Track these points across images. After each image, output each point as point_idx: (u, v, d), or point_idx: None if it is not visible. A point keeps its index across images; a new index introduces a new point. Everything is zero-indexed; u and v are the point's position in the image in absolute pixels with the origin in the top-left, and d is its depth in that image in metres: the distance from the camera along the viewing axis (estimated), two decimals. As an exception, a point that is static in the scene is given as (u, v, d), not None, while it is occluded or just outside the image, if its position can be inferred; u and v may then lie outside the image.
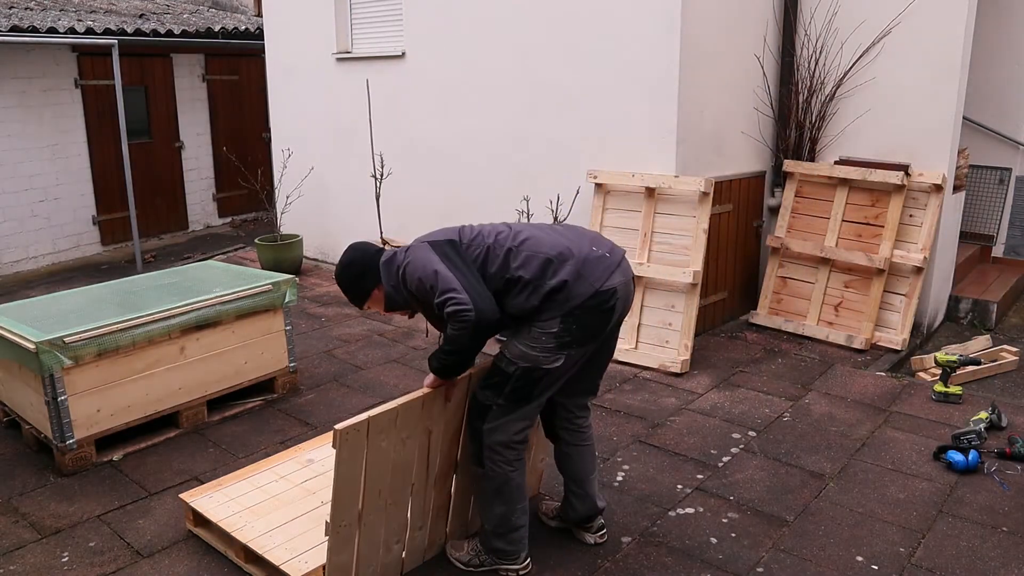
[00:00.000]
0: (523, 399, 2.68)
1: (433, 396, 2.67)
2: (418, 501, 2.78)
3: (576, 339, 2.60)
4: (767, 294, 5.66)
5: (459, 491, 2.97)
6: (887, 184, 5.20)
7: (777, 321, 5.53)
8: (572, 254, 2.60)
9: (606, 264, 2.62)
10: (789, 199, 5.63)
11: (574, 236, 2.70)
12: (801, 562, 2.95)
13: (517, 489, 2.76)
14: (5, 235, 7.82)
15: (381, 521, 2.65)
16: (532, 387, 2.65)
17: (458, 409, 2.81)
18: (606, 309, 2.60)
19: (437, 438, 2.76)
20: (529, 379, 2.64)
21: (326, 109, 7.19)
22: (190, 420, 4.12)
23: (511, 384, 2.65)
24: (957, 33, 5.05)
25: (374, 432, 2.48)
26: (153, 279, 4.67)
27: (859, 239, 5.33)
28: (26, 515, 3.35)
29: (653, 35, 4.87)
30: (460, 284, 2.49)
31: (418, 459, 2.71)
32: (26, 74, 7.77)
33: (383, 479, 2.59)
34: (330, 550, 2.50)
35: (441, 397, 2.71)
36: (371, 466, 2.51)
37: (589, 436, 3.01)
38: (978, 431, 3.75)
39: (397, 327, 5.73)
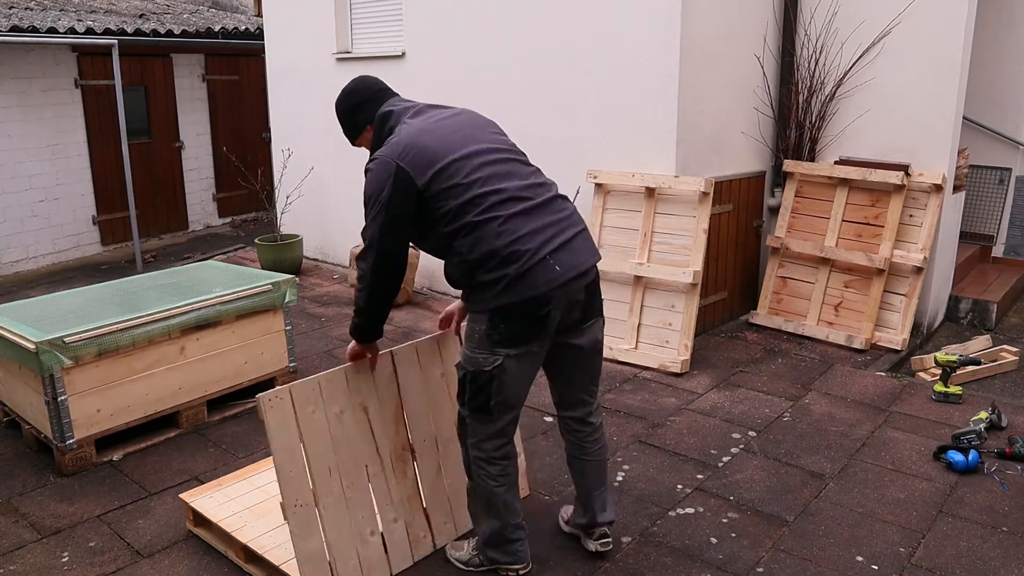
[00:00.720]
0: (481, 409, 2.59)
1: (358, 369, 2.72)
2: (380, 487, 2.79)
3: (506, 339, 2.49)
4: (767, 294, 5.67)
5: (427, 482, 2.96)
6: (887, 184, 5.20)
7: (777, 321, 5.54)
8: (521, 256, 2.42)
9: (551, 274, 2.45)
10: (789, 199, 5.64)
11: (540, 224, 2.49)
12: (801, 562, 2.95)
13: (505, 506, 2.71)
14: (5, 235, 7.82)
15: (342, 506, 2.66)
16: (484, 394, 2.55)
17: (390, 386, 2.83)
18: (538, 316, 2.48)
19: (376, 416, 2.79)
20: (477, 384, 2.55)
21: (326, 109, 7.12)
22: (190, 420, 4.12)
23: (466, 391, 2.60)
24: (957, 33, 5.05)
25: (300, 402, 2.54)
26: (153, 279, 4.67)
27: (859, 239, 5.33)
28: (26, 515, 3.35)
29: (653, 35, 4.88)
30: (382, 234, 2.46)
31: (362, 438, 2.73)
32: (26, 74, 7.77)
33: (328, 455, 2.62)
34: (293, 535, 2.51)
35: (367, 371, 2.76)
36: (308, 439, 2.55)
37: (594, 451, 2.88)
38: (978, 431, 3.75)
39: (397, 327, 5.73)
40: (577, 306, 2.60)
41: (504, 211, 2.46)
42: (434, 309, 6.15)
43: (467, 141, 2.54)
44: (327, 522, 2.61)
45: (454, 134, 2.54)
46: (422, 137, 2.50)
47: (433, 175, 2.45)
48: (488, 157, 2.53)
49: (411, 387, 2.91)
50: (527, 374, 2.61)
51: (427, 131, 2.53)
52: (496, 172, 2.51)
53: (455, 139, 2.53)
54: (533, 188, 2.56)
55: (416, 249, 2.70)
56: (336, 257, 7.49)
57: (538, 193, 2.56)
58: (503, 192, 2.48)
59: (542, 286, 2.44)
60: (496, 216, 2.45)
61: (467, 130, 2.58)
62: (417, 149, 2.47)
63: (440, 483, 3.00)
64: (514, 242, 2.44)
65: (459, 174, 2.46)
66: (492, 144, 2.58)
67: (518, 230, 2.45)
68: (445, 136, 2.53)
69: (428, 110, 2.65)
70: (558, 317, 2.54)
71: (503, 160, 2.56)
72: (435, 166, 2.45)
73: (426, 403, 2.97)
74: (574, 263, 2.51)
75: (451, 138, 2.52)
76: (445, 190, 2.45)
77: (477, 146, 2.54)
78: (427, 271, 6.54)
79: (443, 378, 3.02)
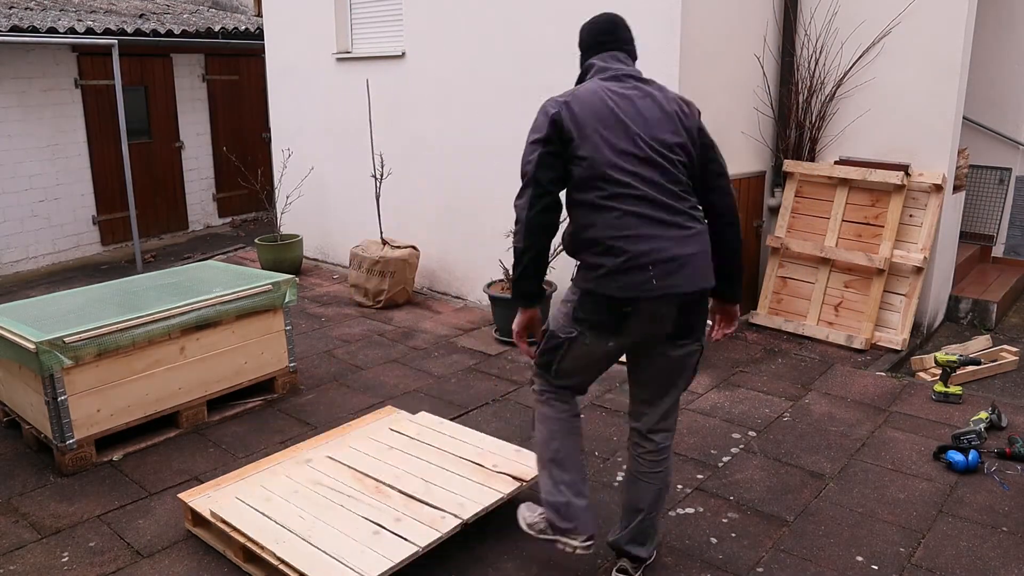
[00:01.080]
0: (545, 367, 2.73)
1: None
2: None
3: (587, 320, 2.57)
4: (767, 294, 5.67)
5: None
6: (887, 184, 5.20)
7: (777, 321, 5.54)
8: (623, 254, 2.44)
9: (646, 284, 2.45)
10: (789, 199, 5.64)
11: (646, 245, 2.46)
12: (801, 562, 2.95)
13: (548, 461, 2.75)
14: (5, 235, 7.82)
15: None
16: (551, 356, 2.69)
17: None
18: (618, 315, 2.52)
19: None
20: (550, 345, 2.69)
21: (326, 109, 7.19)
22: (190, 420, 4.12)
23: (543, 343, 2.72)
24: (957, 33, 5.05)
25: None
26: (153, 279, 4.67)
27: (859, 239, 5.33)
28: (26, 515, 3.35)
29: (653, 35, 4.87)
30: (531, 174, 2.54)
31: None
32: (26, 74, 7.77)
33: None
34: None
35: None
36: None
37: (648, 473, 2.76)
38: (978, 431, 3.75)
39: (397, 327, 5.73)
40: (667, 322, 2.57)
41: (627, 206, 2.47)
42: (434, 309, 6.15)
43: (630, 124, 2.51)
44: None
45: (618, 109, 2.52)
46: (591, 98, 2.54)
47: (580, 136, 2.49)
48: (640, 149, 2.49)
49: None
50: (594, 360, 2.69)
51: (591, 98, 2.54)
52: (639, 167, 2.49)
53: (611, 117, 2.51)
54: (669, 196, 2.50)
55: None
56: (336, 257, 7.49)
57: (671, 203, 2.50)
58: (635, 189, 2.47)
59: (631, 290, 2.46)
60: (617, 208, 2.47)
61: (635, 112, 2.54)
62: (579, 105, 2.51)
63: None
64: (623, 239, 2.45)
65: (601, 149, 2.48)
66: (646, 128, 2.52)
67: (632, 229, 2.46)
68: (612, 109, 2.52)
69: (618, 80, 2.62)
70: (642, 326, 2.55)
71: (647, 154, 2.50)
72: (583, 129, 2.49)
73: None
74: (673, 283, 2.48)
75: (615, 114, 2.52)
76: (583, 157, 2.49)
77: (630, 126, 2.51)
78: (427, 271, 6.54)
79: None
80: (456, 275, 6.38)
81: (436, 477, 3.22)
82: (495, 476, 3.21)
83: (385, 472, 3.28)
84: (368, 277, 6.15)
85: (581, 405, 2.92)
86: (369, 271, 6.13)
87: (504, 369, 4.88)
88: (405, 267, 6.15)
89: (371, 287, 6.16)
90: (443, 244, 6.42)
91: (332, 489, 3.16)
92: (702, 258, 2.58)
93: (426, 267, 6.54)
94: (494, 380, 4.72)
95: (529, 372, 2.74)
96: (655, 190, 2.49)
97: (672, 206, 2.51)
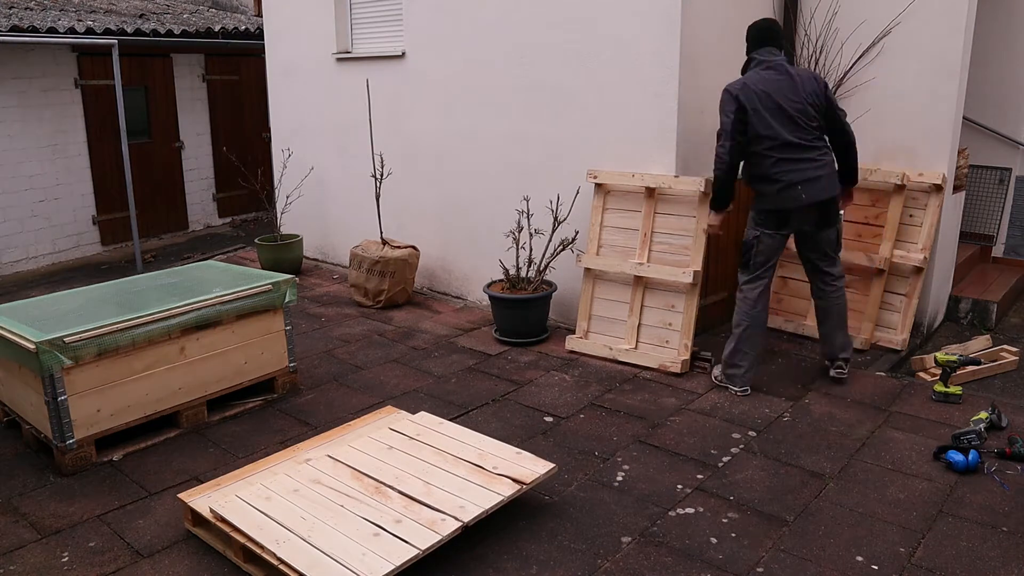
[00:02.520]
0: (745, 264, 4.37)
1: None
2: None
3: (763, 223, 4.26)
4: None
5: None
6: (887, 184, 5.20)
7: (777, 321, 5.53)
8: (780, 182, 4.14)
9: (797, 198, 4.14)
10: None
11: (794, 176, 4.13)
12: (801, 562, 2.95)
13: (744, 337, 4.36)
14: (5, 235, 7.82)
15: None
16: (748, 254, 4.34)
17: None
18: (782, 218, 4.23)
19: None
20: (746, 247, 4.35)
21: (326, 109, 7.19)
22: (190, 420, 4.12)
23: (743, 251, 4.39)
24: (957, 33, 5.05)
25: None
26: (153, 279, 4.67)
27: (859, 239, 5.32)
28: (26, 515, 3.35)
29: (653, 35, 4.87)
30: (729, 139, 4.15)
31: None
32: (26, 74, 7.78)
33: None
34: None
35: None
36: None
37: (833, 299, 4.47)
38: (978, 431, 3.74)
39: (397, 327, 5.73)
40: (812, 218, 4.25)
41: (776, 153, 4.13)
42: (434, 309, 6.15)
43: (771, 95, 4.10)
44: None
45: (768, 89, 4.11)
46: (752, 81, 4.16)
47: (750, 108, 4.10)
48: (779, 114, 4.10)
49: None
50: (773, 248, 4.31)
51: (755, 80, 4.16)
52: (778, 122, 4.10)
53: (766, 91, 4.11)
54: (803, 138, 4.12)
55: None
56: (336, 257, 7.49)
57: (805, 143, 4.13)
58: (778, 139, 4.12)
59: (788, 203, 4.17)
60: (771, 156, 4.14)
61: (781, 90, 4.12)
62: (746, 90, 4.13)
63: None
64: (778, 172, 4.14)
65: (755, 115, 4.10)
66: (788, 101, 4.11)
67: (781, 164, 4.13)
68: (762, 88, 4.12)
69: (767, 71, 4.18)
70: (797, 222, 4.26)
71: (787, 115, 4.11)
72: (753, 104, 4.10)
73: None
74: (814, 195, 4.15)
75: (763, 90, 4.11)
76: (751, 121, 4.12)
77: (780, 101, 4.10)
78: (427, 271, 6.55)
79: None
80: (456, 275, 6.39)
81: (436, 478, 3.22)
82: (495, 478, 3.21)
83: (385, 472, 3.28)
84: (368, 277, 6.15)
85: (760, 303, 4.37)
86: (369, 271, 6.13)
87: (504, 369, 4.88)
88: (405, 267, 6.15)
89: (371, 287, 6.16)
90: (443, 244, 6.42)
91: (332, 489, 3.16)
92: (830, 178, 4.22)
93: (426, 267, 6.54)
94: (494, 380, 4.72)
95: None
96: (794, 137, 4.12)
97: (807, 144, 4.14)
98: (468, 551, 3.03)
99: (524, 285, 5.34)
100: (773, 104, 4.09)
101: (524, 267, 5.41)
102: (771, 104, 4.08)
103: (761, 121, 4.09)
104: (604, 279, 5.13)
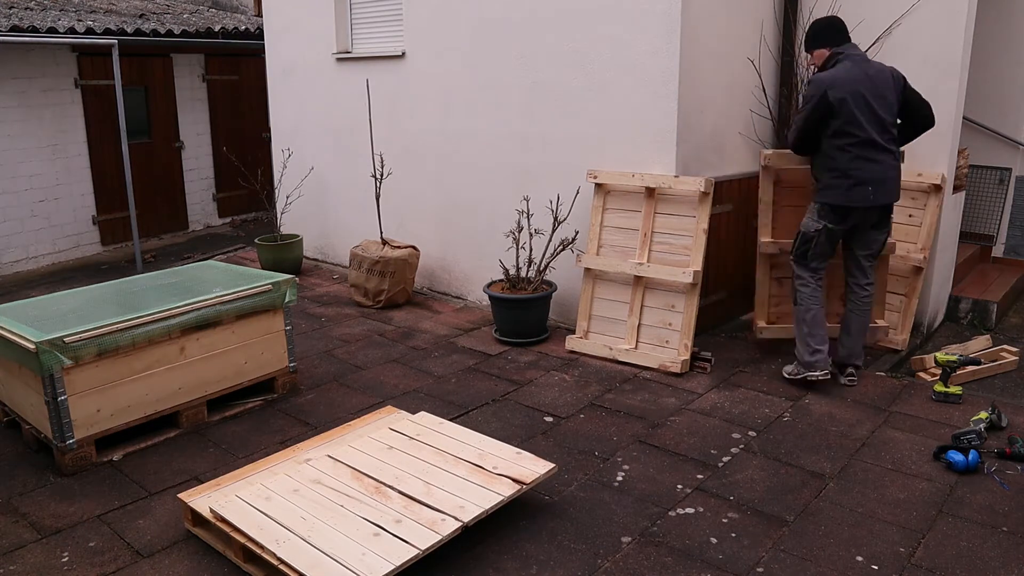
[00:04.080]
0: (802, 257, 4.40)
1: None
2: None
3: (827, 217, 4.26)
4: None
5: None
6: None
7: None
8: (853, 177, 4.14)
9: (866, 197, 4.17)
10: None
11: (868, 174, 4.15)
12: (801, 562, 2.95)
13: (809, 321, 4.41)
14: (5, 235, 7.82)
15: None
16: (806, 248, 4.35)
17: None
18: (846, 213, 4.24)
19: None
20: (803, 240, 4.37)
21: (326, 109, 7.19)
22: (190, 420, 4.12)
23: (796, 244, 4.42)
24: (957, 33, 5.05)
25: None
26: (153, 279, 4.67)
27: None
28: (26, 515, 3.35)
29: (653, 35, 4.87)
30: (802, 122, 4.28)
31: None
32: (26, 74, 7.77)
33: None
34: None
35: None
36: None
37: (859, 309, 4.47)
38: (978, 431, 3.75)
39: (397, 327, 5.73)
40: (872, 218, 4.29)
41: (856, 150, 4.14)
42: (434, 309, 6.15)
43: (863, 93, 4.10)
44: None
45: (860, 87, 4.11)
46: (843, 77, 4.14)
47: (838, 102, 4.10)
48: (867, 111, 4.11)
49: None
50: (831, 242, 4.35)
51: (846, 76, 4.14)
52: (866, 120, 4.11)
53: (858, 89, 4.10)
54: (884, 138, 4.15)
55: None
56: (336, 257, 7.49)
57: (883, 144, 4.15)
58: (862, 136, 4.12)
59: (857, 201, 4.19)
60: (850, 152, 4.15)
61: (868, 87, 4.12)
62: (837, 84, 4.12)
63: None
64: (854, 169, 4.15)
65: (843, 110, 4.09)
66: (876, 99, 4.12)
67: (859, 161, 4.14)
68: (853, 85, 4.11)
69: (856, 66, 4.18)
70: (857, 219, 4.26)
71: (875, 114, 4.12)
72: (838, 97, 4.09)
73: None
74: (881, 197, 4.21)
75: (855, 87, 4.10)
76: (837, 115, 4.12)
77: (867, 98, 4.10)
78: (427, 271, 6.55)
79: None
80: (456, 275, 6.39)
81: (436, 478, 3.22)
82: (495, 479, 3.21)
83: (385, 472, 3.28)
84: (368, 277, 6.15)
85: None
86: (369, 271, 6.13)
87: (504, 369, 4.88)
88: (405, 267, 6.15)
89: (371, 287, 6.16)
90: (443, 244, 6.42)
91: (332, 489, 3.16)
92: (897, 181, 4.26)
93: (426, 267, 6.54)
94: (494, 380, 4.72)
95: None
96: (875, 136, 4.13)
97: (884, 146, 4.17)
98: (468, 551, 3.03)
99: (524, 285, 5.34)
100: (863, 101, 4.09)
101: (524, 267, 5.41)
102: (860, 101, 4.08)
103: (848, 116, 4.08)
104: (604, 279, 5.13)
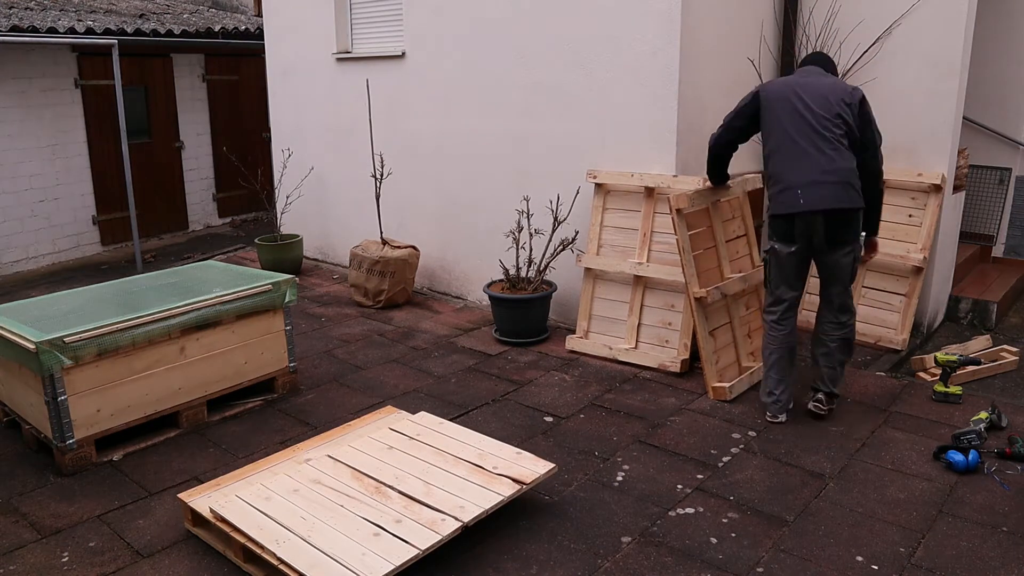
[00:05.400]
0: (766, 282, 4.28)
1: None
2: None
3: (774, 233, 3.97)
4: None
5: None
6: (887, 184, 5.19)
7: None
8: (780, 182, 3.84)
9: (795, 203, 3.77)
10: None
11: (796, 176, 3.80)
12: (801, 562, 2.95)
13: (771, 363, 4.06)
14: (5, 235, 7.82)
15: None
16: (768, 267, 4.11)
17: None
18: (786, 226, 3.88)
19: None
20: (764, 264, 4.36)
21: (326, 109, 7.19)
22: (190, 420, 4.12)
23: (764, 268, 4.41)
24: (957, 33, 5.05)
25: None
26: (153, 279, 4.67)
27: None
28: (26, 515, 3.35)
29: (653, 35, 4.87)
30: (727, 122, 4.09)
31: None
32: (26, 74, 7.77)
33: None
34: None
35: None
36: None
37: (829, 338, 4.06)
38: (978, 431, 3.75)
39: (397, 327, 5.73)
40: (819, 232, 3.81)
41: (783, 154, 3.85)
42: (434, 309, 6.15)
43: (797, 91, 3.85)
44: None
45: (794, 87, 3.88)
46: (779, 81, 4.06)
47: (768, 101, 3.92)
48: (795, 112, 3.81)
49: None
50: (790, 265, 3.96)
51: (783, 81, 4.03)
52: (795, 119, 3.82)
53: (791, 88, 3.88)
54: (818, 144, 3.77)
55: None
56: (336, 257, 7.49)
57: (820, 150, 3.77)
58: (789, 138, 3.83)
59: (787, 206, 3.82)
60: (778, 155, 3.88)
61: (804, 86, 3.86)
62: (771, 86, 4.00)
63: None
64: (783, 172, 3.84)
65: (772, 108, 3.88)
66: (814, 99, 3.80)
67: (786, 163, 3.83)
68: (787, 86, 3.91)
69: (797, 76, 4.00)
70: (803, 234, 3.84)
71: (805, 114, 3.79)
72: (769, 97, 3.92)
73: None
74: (814, 202, 3.74)
75: (788, 87, 3.90)
76: (766, 117, 3.93)
77: (800, 95, 3.83)
78: (427, 271, 6.54)
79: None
80: (456, 275, 6.39)
81: (436, 478, 3.22)
82: (495, 479, 3.21)
83: (385, 472, 3.28)
84: (368, 277, 6.15)
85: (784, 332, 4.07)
86: (369, 271, 6.13)
87: (504, 369, 4.88)
88: (405, 267, 6.15)
89: (371, 287, 6.16)
90: (443, 244, 6.42)
91: (332, 489, 3.16)
92: (843, 187, 3.77)
93: (426, 267, 6.54)
94: (494, 380, 4.72)
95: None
96: (810, 141, 3.79)
97: (821, 151, 3.78)
98: (468, 551, 3.03)
99: (524, 285, 5.34)
100: (791, 106, 3.83)
101: (524, 267, 5.41)
102: (789, 105, 3.84)
103: (773, 118, 3.88)
104: (604, 279, 5.13)
